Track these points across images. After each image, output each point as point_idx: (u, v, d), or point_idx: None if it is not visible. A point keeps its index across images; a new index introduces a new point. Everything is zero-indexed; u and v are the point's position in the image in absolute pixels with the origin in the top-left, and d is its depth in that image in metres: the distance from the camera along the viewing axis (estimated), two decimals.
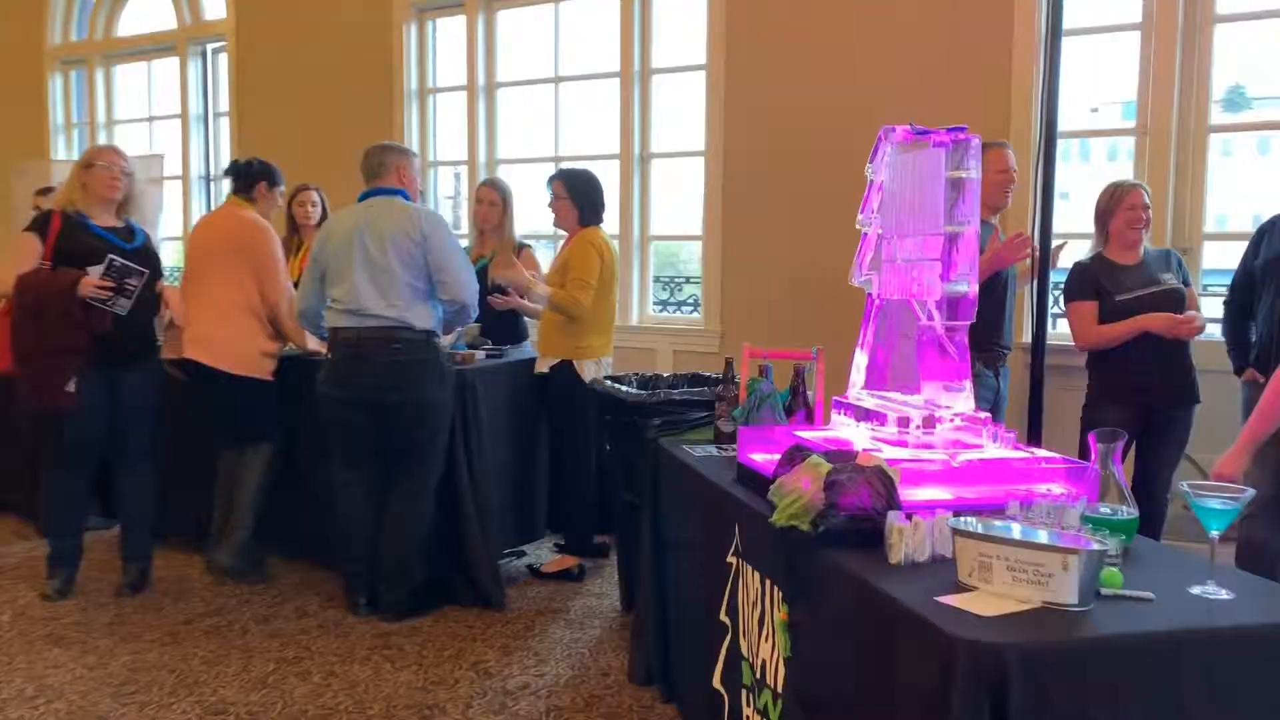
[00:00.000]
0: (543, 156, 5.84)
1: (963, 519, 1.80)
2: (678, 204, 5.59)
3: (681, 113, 5.36)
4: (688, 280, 5.99)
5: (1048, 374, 4.00)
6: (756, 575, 2.26)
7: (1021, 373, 3.95)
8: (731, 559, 2.41)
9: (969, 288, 2.21)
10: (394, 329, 3.53)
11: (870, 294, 2.46)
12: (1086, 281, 3.57)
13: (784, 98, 4.91)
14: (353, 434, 3.67)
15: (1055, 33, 3.99)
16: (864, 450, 2.22)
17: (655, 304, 5.65)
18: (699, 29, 5.16)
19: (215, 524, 4.11)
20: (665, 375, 3.76)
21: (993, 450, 2.24)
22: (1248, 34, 4.13)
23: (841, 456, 2.11)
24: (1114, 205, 3.54)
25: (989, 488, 2.12)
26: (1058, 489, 2.07)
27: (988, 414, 2.26)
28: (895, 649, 1.65)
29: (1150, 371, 3.49)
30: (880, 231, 2.41)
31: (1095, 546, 1.63)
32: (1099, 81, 4.52)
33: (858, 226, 2.49)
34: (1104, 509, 1.99)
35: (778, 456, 2.44)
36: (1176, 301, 3.50)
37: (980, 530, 1.76)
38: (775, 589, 2.15)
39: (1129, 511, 1.99)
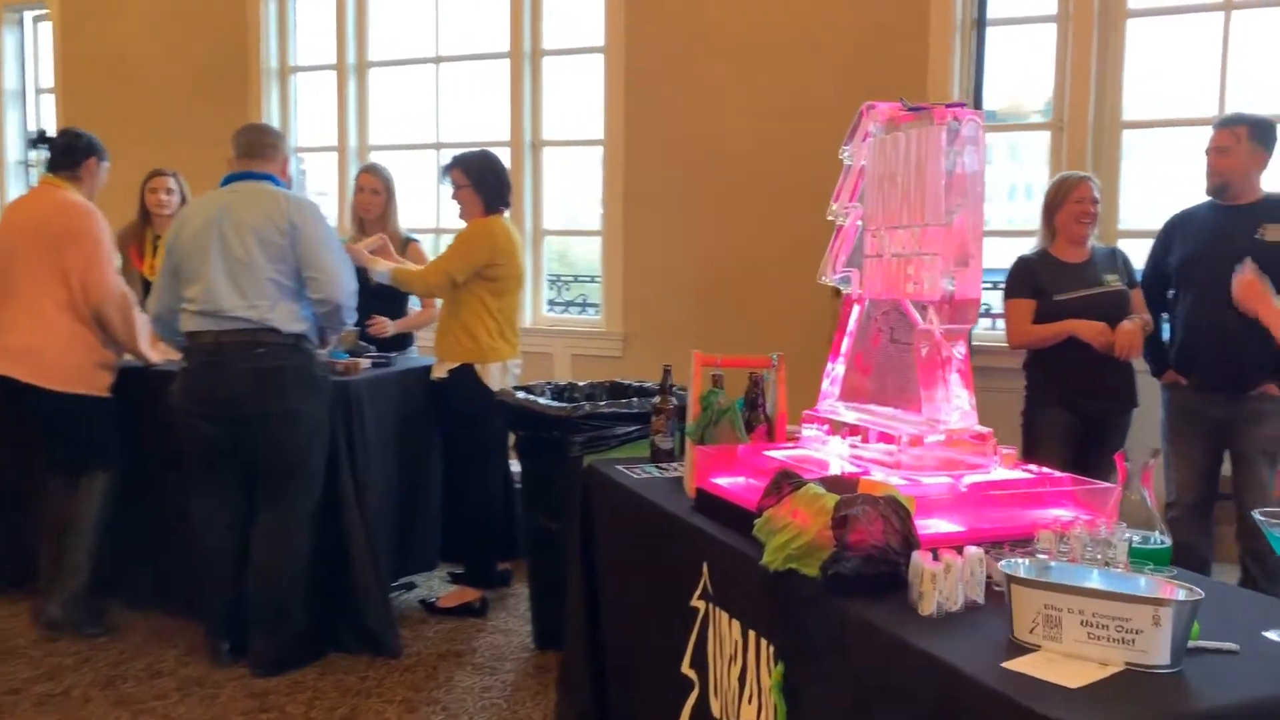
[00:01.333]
0: (422, 143, 5.35)
1: (1015, 561, 1.52)
2: (574, 196, 5.22)
3: (578, 97, 4.99)
4: (575, 279, 5.64)
5: (977, 375, 3.85)
6: (736, 625, 1.92)
7: None
8: (698, 603, 2.07)
9: (972, 288, 1.94)
10: (256, 331, 3.08)
11: (848, 294, 2.16)
12: (1026, 278, 3.41)
13: (690, 83, 4.61)
14: (212, 454, 3.19)
15: (980, 23, 3.85)
16: (848, 473, 1.93)
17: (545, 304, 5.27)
18: (596, 6, 4.80)
19: (43, 568, 3.50)
20: (581, 384, 3.40)
21: (999, 471, 1.99)
22: (1158, 30, 4.08)
23: (842, 484, 1.81)
24: (1061, 198, 3.38)
25: (1003, 514, 1.86)
26: (1080, 515, 1.82)
27: (989, 429, 2.00)
28: None
29: (1087, 374, 3.36)
30: (861, 223, 2.12)
31: (1185, 596, 1.37)
32: (1013, 75, 4.40)
33: (830, 218, 2.19)
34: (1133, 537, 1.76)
35: (745, 480, 2.14)
36: (1118, 304, 3.36)
37: (1036, 575, 1.48)
38: (763, 643, 1.82)
39: (1160, 539, 1.77)
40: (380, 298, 3.87)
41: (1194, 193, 3.95)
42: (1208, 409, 3.14)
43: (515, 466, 3.64)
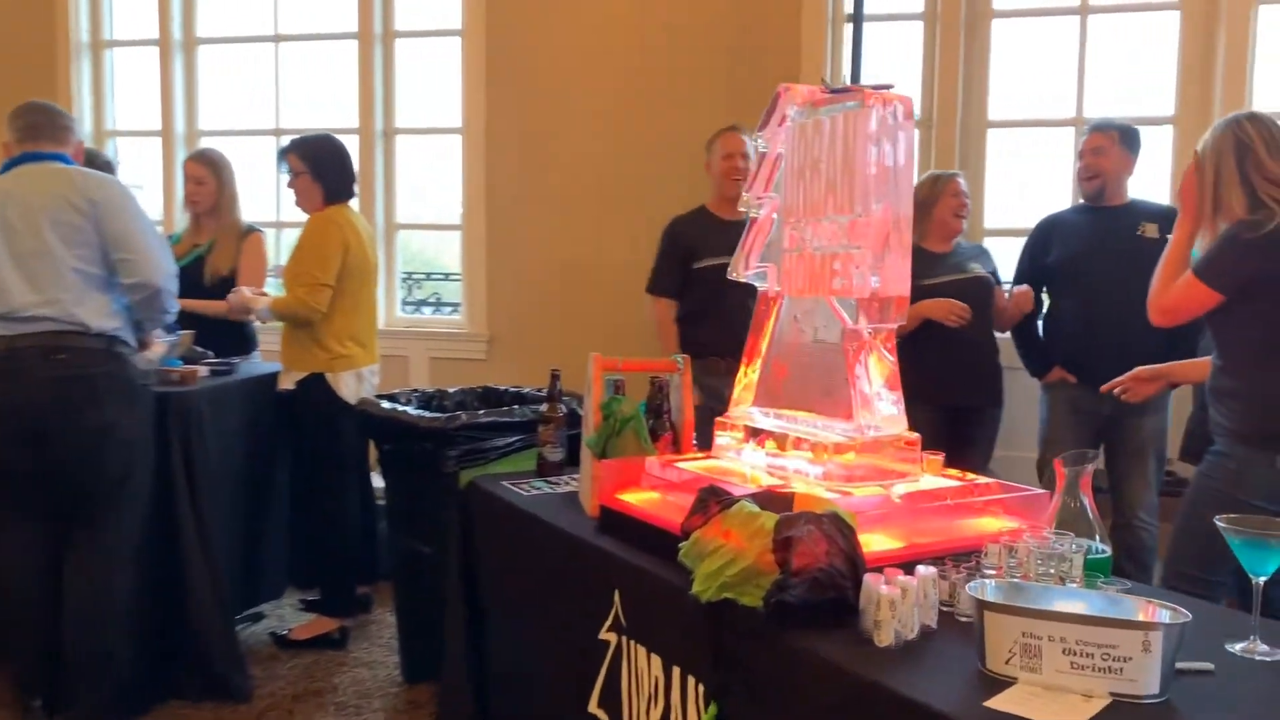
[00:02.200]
0: (259, 129, 4.90)
1: (982, 583, 1.39)
2: (430, 188, 4.90)
3: (433, 82, 4.68)
4: (428, 276, 5.32)
5: None
6: (656, 661, 1.72)
7: None
8: (608, 635, 1.86)
9: (900, 283, 1.81)
10: (59, 332, 2.64)
11: (763, 291, 2.00)
12: None
13: (554, 69, 4.38)
14: (10, 479, 2.72)
15: (857, 17, 3.80)
16: (778, 487, 1.77)
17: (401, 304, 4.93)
18: None
19: None
20: (451, 391, 3.13)
21: (928, 479, 1.87)
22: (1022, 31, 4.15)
23: (777, 501, 1.64)
24: (936, 195, 3.36)
25: (939, 525, 1.74)
26: (1023, 525, 1.71)
27: (917, 435, 1.88)
28: None
29: (959, 366, 3.35)
30: (777, 215, 1.96)
31: (1169, 619, 1.27)
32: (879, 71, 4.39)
33: (741, 208, 2.02)
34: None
35: (659, 496, 1.95)
36: (984, 290, 3.39)
37: (1008, 599, 1.35)
38: (691, 681, 1.63)
39: (1101, 548, 1.68)
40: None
41: (1054, 193, 4.06)
42: (1098, 405, 3.16)
43: (378, 482, 3.33)
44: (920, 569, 1.47)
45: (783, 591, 1.45)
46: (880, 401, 1.83)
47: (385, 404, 2.91)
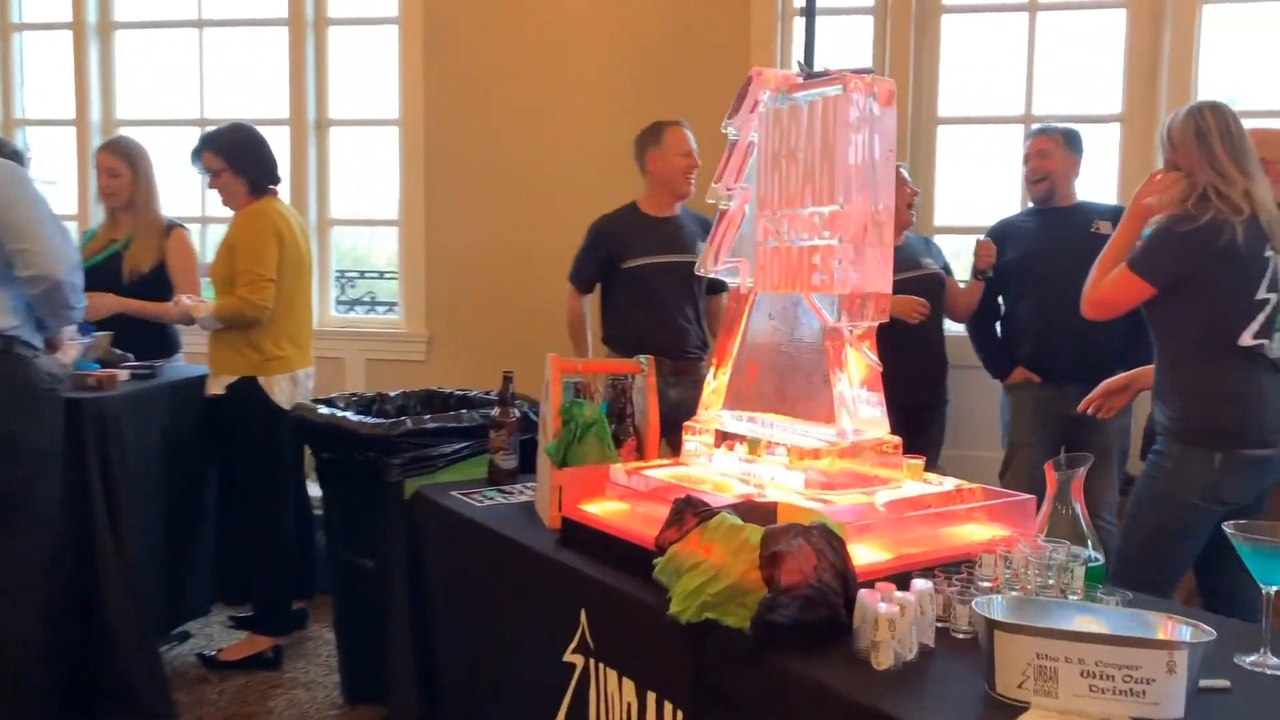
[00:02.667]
0: (183, 119, 4.65)
1: (989, 599, 1.29)
2: (365, 182, 4.70)
3: (369, 71, 4.49)
4: (361, 275, 5.13)
5: None
6: (629, 685, 1.60)
7: None
8: (574, 657, 1.73)
9: (882, 279, 1.72)
10: None
11: (735, 287, 1.89)
12: None
13: (496, 58, 4.23)
14: None
15: (809, 12, 3.72)
16: (756, 498, 1.66)
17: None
18: None
19: None
20: (392, 394, 2.96)
21: (911, 485, 1.78)
22: (972, 26, 4.12)
23: (760, 512, 1.53)
24: None
25: (926, 534, 1.65)
26: (1016, 533, 1.63)
27: (899, 439, 1.79)
28: None
29: (905, 366, 3.27)
30: (749, 206, 1.85)
31: (1191, 636, 1.19)
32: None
33: (711, 200, 1.91)
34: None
35: (630, 507, 1.83)
36: (936, 286, 3.35)
37: (1017, 616, 1.26)
38: (669, 706, 1.51)
39: (1094, 556, 1.61)
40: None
41: (1003, 191, 4.05)
42: (1063, 404, 3.13)
43: (314, 490, 3.15)
44: (916, 583, 1.37)
45: (772, 611, 1.35)
46: (861, 403, 1.73)
47: (323, 409, 2.73)
